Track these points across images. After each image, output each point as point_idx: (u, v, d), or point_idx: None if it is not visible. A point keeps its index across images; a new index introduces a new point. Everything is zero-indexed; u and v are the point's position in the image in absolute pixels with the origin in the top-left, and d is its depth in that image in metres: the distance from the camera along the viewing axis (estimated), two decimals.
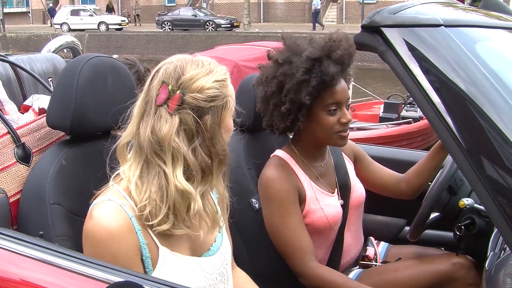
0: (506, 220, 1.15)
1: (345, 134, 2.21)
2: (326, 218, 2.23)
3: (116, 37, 32.69)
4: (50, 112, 1.86)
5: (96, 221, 1.44)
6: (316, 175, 2.31)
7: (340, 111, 2.17)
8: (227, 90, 1.55)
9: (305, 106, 2.14)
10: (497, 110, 1.20)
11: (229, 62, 9.17)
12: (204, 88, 1.49)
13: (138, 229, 1.47)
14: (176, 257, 1.54)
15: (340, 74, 2.16)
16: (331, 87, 2.14)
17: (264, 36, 25.73)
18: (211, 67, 1.54)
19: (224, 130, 1.56)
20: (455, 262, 2.25)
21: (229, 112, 1.56)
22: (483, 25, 1.63)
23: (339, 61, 2.13)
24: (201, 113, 1.49)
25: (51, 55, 4.49)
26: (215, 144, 1.52)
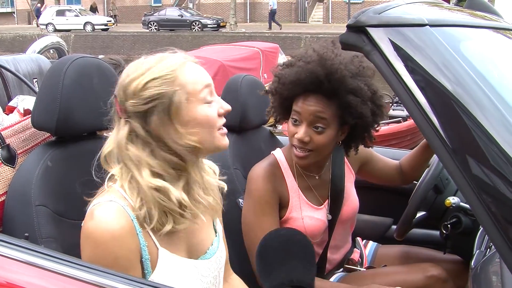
0: (491, 218, 1.15)
1: (298, 154, 2.12)
2: (305, 229, 2.17)
3: (102, 37, 32.55)
4: (35, 113, 1.85)
5: (98, 222, 1.43)
6: (308, 185, 2.26)
7: (300, 126, 2.09)
8: (172, 83, 1.48)
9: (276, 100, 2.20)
10: (482, 109, 1.21)
11: (215, 62, 9.18)
12: (137, 91, 1.47)
13: (139, 230, 1.47)
14: (174, 259, 1.54)
15: (301, 89, 2.07)
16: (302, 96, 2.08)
17: (251, 36, 25.76)
18: (149, 65, 1.50)
19: (191, 122, 1.49)
20: (430, 275, 2.23)
21: (186, 104, 1.49)
22: (468, 25, 1.64)
23: (298, 75, 2.06)
24: (145, 116, 1.48)
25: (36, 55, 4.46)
26: (174, 142, 1.48)
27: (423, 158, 2.42)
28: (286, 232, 1.42)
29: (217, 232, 1.76)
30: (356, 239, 2.64)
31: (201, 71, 1.56)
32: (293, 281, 1.31)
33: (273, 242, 1.39)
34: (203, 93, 1.51)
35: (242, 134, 2.54)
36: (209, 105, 1.53)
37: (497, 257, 1.59)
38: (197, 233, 1.65)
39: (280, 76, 2.14)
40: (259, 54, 10.04)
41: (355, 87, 2.04)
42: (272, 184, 2.18)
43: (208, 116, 1.52)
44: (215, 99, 1.56)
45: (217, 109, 1.56)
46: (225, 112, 1.58)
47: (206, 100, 1.52)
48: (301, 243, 1.40)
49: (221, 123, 1.57)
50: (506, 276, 1.41)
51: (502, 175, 1.17)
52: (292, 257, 1.35)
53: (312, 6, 36.47)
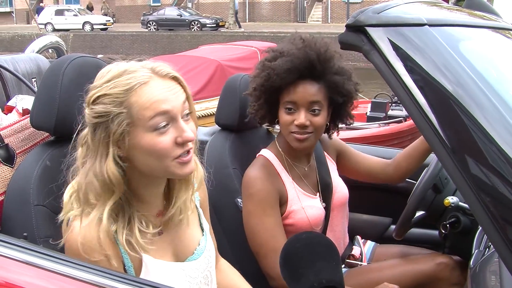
0: (490, 218, 1.15)
1: (300, 137, 2.17)
2: (308, 219, 2.23)
3: (101, 37, 32.53)
4: (34, 113, 1.85)
5: (76, 233, 1.43)
6: (299, 175, 2.31)
7: (296, 112, 2.15)
8: (121, 104, 1.39)
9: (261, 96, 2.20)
10: (481, 109, 1.21)
11: (212, 62, 9.16)
12: (90, 102, 1.43)
13: (118, 240, 1.45)
14: (159, 264, 1.53)
15: (296, 74, 2.12)
16: (292, 85, 2.13)
17: (250, 36, 25.74)
18: (111, 77, 1.43)
19: (135, 149, 1.42)
20: (439, 262, 2.27)
21: (128, 130, 1.40)
22: (467, 25, 1.64)
23: (294, 60, 2.12)
24: (94, 128, 1.43)
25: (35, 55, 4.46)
26: (98, 164, 1.42)
27: (419, 149, 2.42)
28: (306, 235, 1.42)
29: (204, 231, 1.74)
30: (356, 237, 2.65)
31: (163, 94, 1.42)
32: (323, 282, 1.31)
33: (295, 247, 1.39)
34: (153, 120, 1.40)
35: (240, 133, 2.55)
36: (161, 134, 1.41)
37: (496, 257, 1.59)
38: (182, 235, 1.64)
39: (273, 67, 2.14)
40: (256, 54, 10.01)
41: (339, 66, 2.18)
42: (270, 183, 2.19)
43: (154, 145, 1.41)
44: (176, 125, 1.44)
45: (174, 137, 1.43)
46: (183, 141, 1.44)
47: (156, 128, 1.40)
48: (323, 243, 1.40)
49: (178, 152, 1.44)
50: (505, 276, 1.41)
51: (501, 175, 1.16)
52: (317, 258, 1.35)
53: (311, 6, 36.47)
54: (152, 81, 1.42)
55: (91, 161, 1.44)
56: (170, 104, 1.42)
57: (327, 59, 2.14)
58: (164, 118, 1.41)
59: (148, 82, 1.41)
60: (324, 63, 2.14)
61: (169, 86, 1.44)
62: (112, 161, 1.41)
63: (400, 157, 2.48)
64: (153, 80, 1.42)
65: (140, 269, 1.50)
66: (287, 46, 2.20)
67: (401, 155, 2.48)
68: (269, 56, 2.23)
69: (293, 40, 2.21)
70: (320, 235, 1.52)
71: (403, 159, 2.46)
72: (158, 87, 1.42)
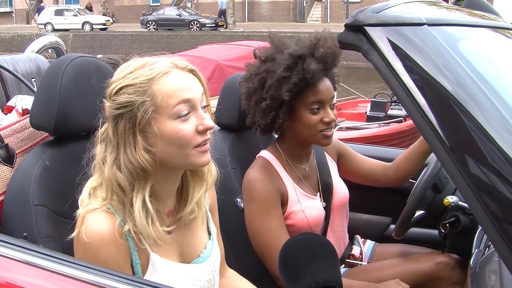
0: (490, 217, 1.15)
1: (329, 133, 2.20)
2: (307, 220, 2.24)
3: (101, 37, 32.53)
4: (33, 113, 1.85)
5: (88, 227, 1.44)
6: (299, 176, 2.32)
7: (323, 110, 2.17)
8: (144, 93, 1.43)
9: (286, 103, 2.14)
10: (480, 109, 1.21)
11: (211, 62, 9.15)
12: (112, 94, 1.46)
13: (129, 236, 1.47)
14: (165, 264, 1.54)
15: (324, 73, 2.16)
16: (313, 85, 2.14)
17: (249, 36, 25.71)
18: (131, 69, 1.47)
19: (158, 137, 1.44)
20: (439, 261, 2.27)
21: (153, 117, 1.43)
22: (466, 24, 1.64)
23: (321, 59, 2.13)
24: (116, 120, 1.46)
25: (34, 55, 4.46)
26: (131, 153, 1.45)
27: (419, 152, 2.42)
28: (303, 236, 1.42)
29: (211, 235, 1.75)
30: (356, 236, 2.65)
31: (185, 83, 1.47)
32: (320, 281, 1.31)
33: (293, 249, 1.39)
34: (176, 108, 1.43)
35: (240, 133, 2.55)
36: (183, 121, 1.45)
37: (496, 256, 1.59)
38: (189, 237, 1.64)
39: (306, 69, 2.10)
40: None
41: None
42: (272, 184, 2.20)
43: (178, 132, 1.44)
44: (197, 114, 1.47)
45: (196, 125, 1.46)
46: (204, 129, 1.48)
47: (179, 115, 1.44)
48: (320, 243, 1.40)
49: (199, 140, 1.47)
50: (505, 275, 1.41)
51: (500, 174, 1.17)
52: (314, 258, 1.35)
53: (311, 6, 36.45)
54: (173, 72, 1.47)
55: (114, 154, 1.47)
56: (192, 93, 1.46)
57: (339, 55, 2.21)
58: (186, 106, 1.45)
59: (169, 72, 1.46)
60: (337, 59, 2.22)
61: (189, 77, 1.49)
62: (143, 149, 1.44)
63: (399, 160, 2.48)
64: (174, 71, 1.47)
65: (147, 267, 1.50)
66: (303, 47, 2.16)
67: (400, 158, 2.48)
68: (288, 62, 2.14)
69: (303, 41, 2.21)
70: (317, 235, 1.53)
71: (402, 161, 2.46)
72: (180, 77, 1.47)
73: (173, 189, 1.59)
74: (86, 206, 1.48)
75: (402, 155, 2.48)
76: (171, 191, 1.59)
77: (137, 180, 1.46)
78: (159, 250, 1.52)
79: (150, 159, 1.44)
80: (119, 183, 1.45)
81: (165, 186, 1.55)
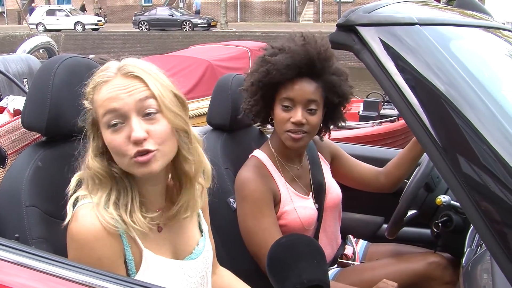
0: (481, 216, 1.16)
1: (295, 136, 2.17)
2: (300, 220, 2.24)
3: (93, 37, 32.47)
4: (25, 113, 1.84)
5: (82, 223, 1.43)
6: (292, 176, 2.32)
7: (293, 110, 2.15)
8: (91, 101, 1.48)
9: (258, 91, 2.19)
10: (472, 108, 1.21)
11: (203, 62, 9.14)
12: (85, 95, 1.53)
13: (123, 232, 1.47)
14: (159, 260, 1.54)
15: (296, 71, 2.13)
16: (289, 82, 2.14)
17: (241, 36, 25.72)
18: (95, 74, 1.51)
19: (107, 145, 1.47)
20: (431, 261, 2.28)
21: (99, 127, 1.48)
22: (458, 24, 1.64)
23: (295, 56, 2.12)
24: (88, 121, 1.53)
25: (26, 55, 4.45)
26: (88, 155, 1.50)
27: (409, 158, 2.42)
28: (287, 238, 1.42)
29: (203, 232, 1.75)
30: (348, 236, 2.66)
31: (115, 92, 1.43)
32: (304, 282, 1.31)
33: (277, 252, 1.39)
34: (105, 118, 1.43)
35: (232, 133, 2.55)
36: (114, 131, 1.43)
37: (488, 255, 1.60)
38: (181, 234, 1.65)
39: (273, 62, 2.14)
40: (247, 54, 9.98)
41: (337, 67, 2.20)
42: (264, 184, 2.20)
43: (111, 143, 1.44)
44: (128, 123, 1.43)
45: (127, 136, 1.43)
46: (132, 140, 1.42)
47: (109, 125, 1.43)
48: (304, 244, 1.40)
49: (132, 151, 1.42)
50: (497, 274, 1.42)
51: (492, 174, 1.17)
52: (299, 260, 1.35)
53: (303, 5, 36.48)
54: (113, 80, 1.45)
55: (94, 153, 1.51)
56: (120, 102, 1.42)
57: (326, 58, 2.16)
58: (114, 116, 1.43)
59: (108, 81, 1.45)
60: (324, 62, 2.15)
61: (127, 84, 1.44)
62: (90, 154, 1.49)
63: (390, 166, 2.49)
64: (114, 78, 1.45)
65: (140, 263, 1.50)
66: (288, 42, 2.20)
67: (390, 164, 2.49)
68: (269, 52, 2.22)
69: (294, 37, 2.22)
70: (300, 236, 1.52)
71: (393, 167, 2.47)
72: (114, 85, 1.44)
73: (156, 189, 1.57)
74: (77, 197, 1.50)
75: (393, 161, 2.48)
76: (155, 191, 1.57)
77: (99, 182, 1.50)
78: (153, 247, 1.53)
79: (97, 164, 1.47)
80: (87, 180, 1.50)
81: (146, 186, 1.54)
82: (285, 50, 2.16)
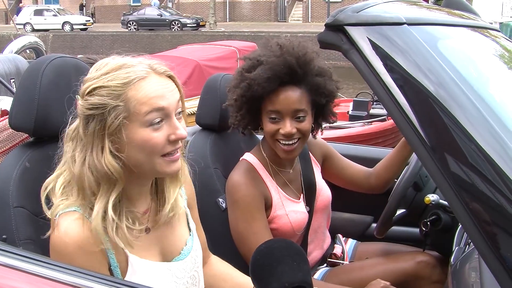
0: (469, 215, 1.16)
1: (286, 148, 2.15)
2: (291, 224, 2.24)
3: (81, 37, 32.34)
4: (12, 114, 1.83)
5: (63, 232, 1.42)
6: (284, 181, 2.31)
7: (281, 121, 2.12)
8: (118, 97, 1.40)
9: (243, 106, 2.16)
10: (460, 107, 1.22)
11: (191, 62, 9.13)
12: (85, 94, 1.43)
13: (106, 238, 1.44)
14: (145, 264, 1.52)
15: (277, 82, 2.08)
16: (273, 93, 2.09)
17: (230, 35, 25.74)
18: (108, 70, 1.43)
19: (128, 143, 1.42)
20: (420, 260, 2.28)
21: (124, 123, 1.40)
22: (445, 24, 1.65)
23: (274, 67, 2.07)
24: (87, 120, 1.43)
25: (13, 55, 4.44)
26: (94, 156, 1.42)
27: (397, 160, 2.43)
28: (265, 245, 1.42)
29: (191, 231, 1.74)
30: (337, 235, 2.66)
31: (160, 90, 1.44)
32: (286, 285, 1.31)
33: (257, 259, 1.39)
34: (149, 115, 1.41)
35: (221, 134, 2.54)
36: (155, 130, 1.42)
37: (476, 254, 1.61)
38: (169, 235, 1.64)
39: (253, 77, 2.09)
40: (235, 54, 9.99)
41: (319, 67, 2.15)
42: (256, 188, 2.19)
43: (148, 141, 1.42)
44: (170, 122, 1.45)
45: (167, 134, 1.45)
46: (176, 138, 1.46)
47: (151, 124, 1.42)
48: (282, 247, 1.40)
49: (169, 149, 1.46)
50: (485, 272, 1.42)
51: (480, 173, 1.17)
52: (277, 264, 1.35)
53: (292, 5, 36.53)
54: (150, 77, 1.44)
55: (83, 154, 1.44)
56: (167, 101, 1.43)
57: (307, 62, 2.11)
58: (159, 114, 1.42)
59: (146, 78, 1.43)
60: (305, 67, 2.10)
61: (165, 83, 1.46)
62: (109, 154, 1.41)
63: (379, 167, 2.49)
64: (151, 76, 1.44)
65: (126, 269, 1.49)
66: (264, 52, 2.15)
67: (380, 166, 2.49)
68: (246, 65, 2.17)
69: (269, 47, 2.17)
70: (279, 240, 1.53)
71: (382, 169, 2.47)
72: (156, 83, 1.44)
73: (145, 190, 1.58)
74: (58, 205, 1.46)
75: (382, 163, 2.48)
76: (143, 191, 1.57)
77: (102, 183, 1.43)
78: (138, 251, 1.51)
79: (115, 164, 1.42)
80: (86, 184, 1.43)
81: (135, 188, 1.54)
82: (263, 62, 2.11)
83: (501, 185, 1.15)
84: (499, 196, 1.16)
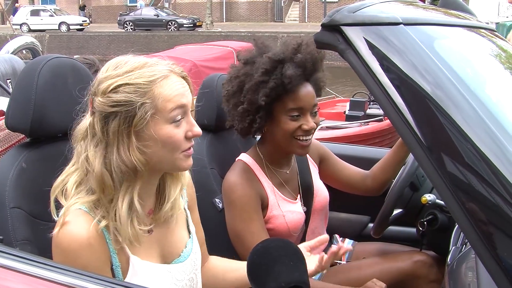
0: (466, 215, 1.16)
1: (305, 143, 2.18)
2: (287, 225, 2.24)
3: (78, 37, 32.32)
4: (9, 114, 1.82)
5: (66, 231, 1.42)
6: (280, 181, 2.31)
7: (303, 117, 2.15)
8: (145, 94, 1.42)
9: (263, 108, 2.13)
10: (457, 107, 1.22)
11: (187, 62, 9.13)
12: (108, 91, 1.43)
13: (109, 238, 1.45)
14: (146, 265, 1.53)
15: (304, 78, 2.14)
16: (293, 91, 2.12)
17: (227, 36, 25.73)
18: (130, 68, 1.45)
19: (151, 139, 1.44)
20: (416, 259, 2.29)
21: (150, 120, 1.43)
22: (442, 24, 1.65)
23: (301, 64, 2.11)
24: (108, 118, 1.43)
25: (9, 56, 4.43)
26: (124, 152, 1.43)
27: (394, 161, 2.43)
28: (261, 245, 1.42)
29: (191, 233, 1.74)
30: (334, 235, 2.66)
31: (181, 88, 1.48)
32: (282, 285, 1.31)
33: (253, 259, 1.39)
34: (173, 112, 1.45)
35: (218, 133, 2.54)
36: (176, 126, 1.47)
37: (473, 253, 1.61)
38: (169, 237, 1.64)
39: (284, 75, 2.09)
40: (232, 54, 10.00)
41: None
42: (252, 188, 2.19)
43: (172, 137, 1.46)
44: (188, 120, 1.50)
45: (186, 131, 1.49)
46: (193, 135, 1.51)
47: (174, 120, 1.46)
48: (278, 247, 1.40)
49: (187, 145, 1.50)
50: (482, 272, 1.43)
51: (476, 172, 1.18)
52: (274, 264, 1.35)
53: (288, 5, 36.55)
54: (171, 76, 1.48)
55: (102, 152, 1.45)
56: (186, 99, 1.49)
57: (321, 59, 2.20)
58: (181, 111, 1.47)
59: (168, 76, 1.47)
60: (317, 64, 2.19)
61: (183, 82, 1.51)
62: (137, 149, 1.44)
63: (375, 169, 2.49)
64: (171, 76, 1.48)
65: (127, 270, 1.49)
66: (284, 52, 2.15)
67: (376, 167, 2.49)
68: (266, 66, 2.13)
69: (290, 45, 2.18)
70: (275, 239, 1.53)
71: (378, 171, 2.47)
72: (177, 82, 1.49)
73: (153, 189, 1.59)
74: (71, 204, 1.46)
75: (378, 165, 2.48)
76: (152, 191, 1.59)
77: (126, 179, 1.46)
78: (139, 252, 1.52)
79: (144, 160, 1.45)
80: (108, 182, 1.44)
81: (147, 187, 1.55)
82: (286, 60, 2.12)
83: (498, 184, 1.16)
84: (496, 196, 1.16)
